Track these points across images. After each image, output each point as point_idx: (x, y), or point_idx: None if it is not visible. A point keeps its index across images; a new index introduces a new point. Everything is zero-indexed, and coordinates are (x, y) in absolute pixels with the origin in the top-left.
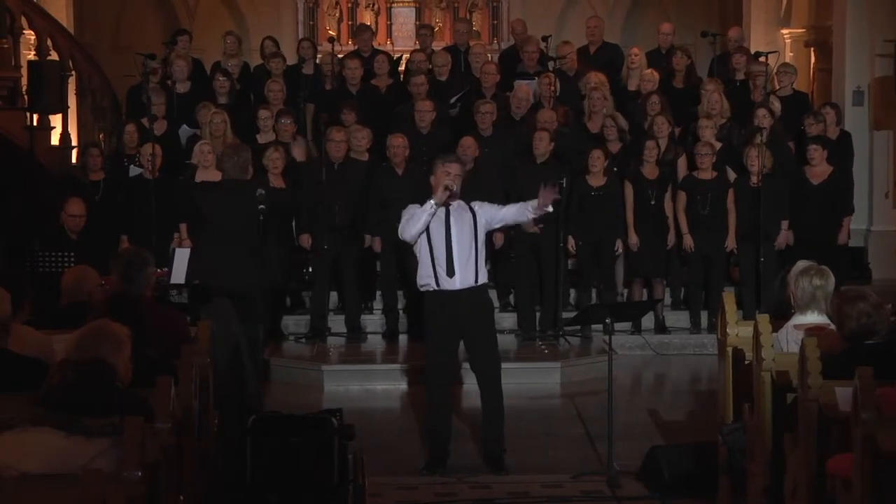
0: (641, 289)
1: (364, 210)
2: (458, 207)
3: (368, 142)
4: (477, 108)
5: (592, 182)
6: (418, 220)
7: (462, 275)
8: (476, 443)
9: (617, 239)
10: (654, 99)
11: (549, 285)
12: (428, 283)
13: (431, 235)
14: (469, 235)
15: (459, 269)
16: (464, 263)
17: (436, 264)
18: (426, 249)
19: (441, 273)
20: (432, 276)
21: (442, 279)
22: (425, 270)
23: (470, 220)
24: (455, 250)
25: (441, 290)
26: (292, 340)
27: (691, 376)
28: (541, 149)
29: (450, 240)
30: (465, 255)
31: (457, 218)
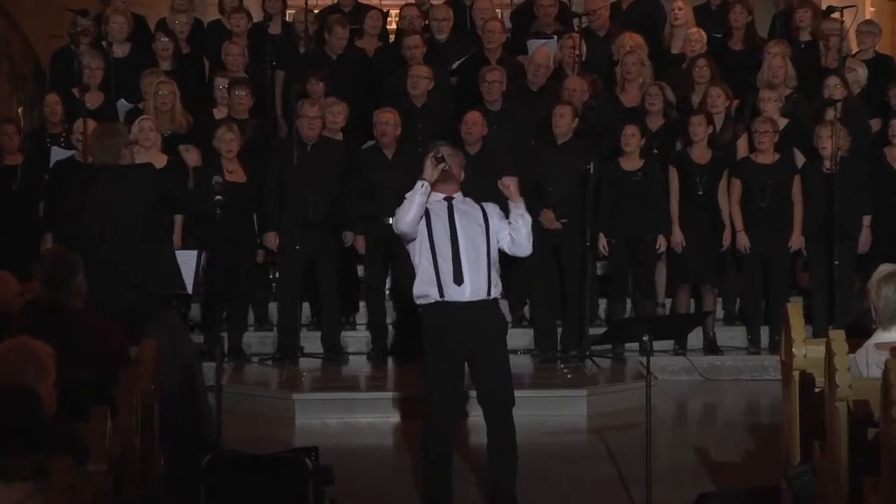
0: (688, 298)
1: (344, 201)
2: (463, 203)
3: (344, 118)
4: (482, 76)
5: (627, 166)
6: (410, 204)
7: (473, 283)
8: (482, 487)
9: (658, 237)
10: (702, 64)
11: (574, 294)
12: (429, 294)
13: (434, 235)
14: (480, 236)
15: (470, 276)
16: (474, 268)
17: (439, 270)
18: (427, 252)
19: (446, 280)
20: (435, 284)
21: (448, 288)
22: (426, 278)
23: (480, 218)
24: (463, 252)
25: (446, 301)
26: (256, 363)
27: (748, 406)
28: (562, 126)
29: (456, 239)
30: (475, 258)
31: (463, 215)
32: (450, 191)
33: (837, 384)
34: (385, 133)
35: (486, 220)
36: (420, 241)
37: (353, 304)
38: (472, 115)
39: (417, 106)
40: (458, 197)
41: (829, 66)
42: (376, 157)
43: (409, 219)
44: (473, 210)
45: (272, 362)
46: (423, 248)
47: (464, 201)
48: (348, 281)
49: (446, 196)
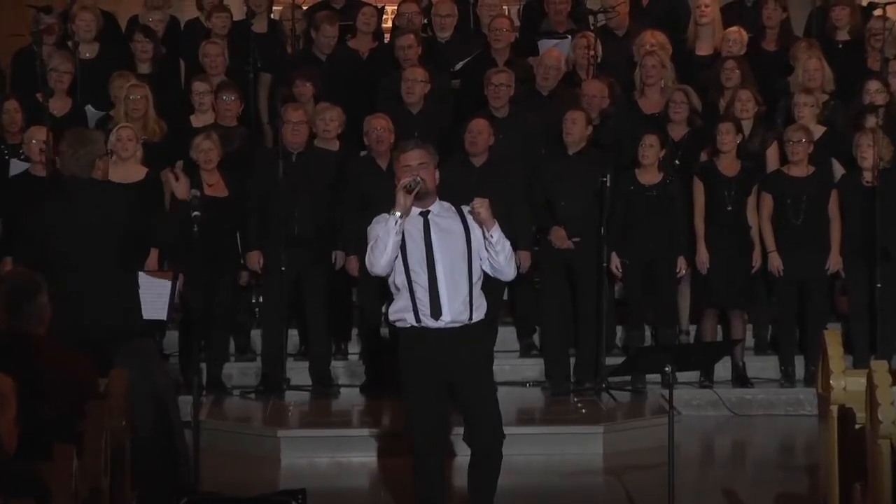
0: (714, 325)
1: (335, 217)
2: (440, 215)
3: (339, 125)
4: (489, 79)
5: (643, 179)
6: (383, 245)
7: (452, 310)
8: None
9: (680, 257)
10: (731, 66)
11: (589, 321)
12: (404, 318)
13: (409, 260)
14: (460, 255)
15: (449, 303)
16: (453, 294)
17: (416, 299)
18: (402, 276)
19: (423, 311)
20: (411, 310)
21: (425, 318)
22: (402, 304)
23: (460, 232)
24: (441, 278)
25: (423, 326)
26: (237, 396)
27: (782, 445)
28: (575, 134)
29: (433, 264)
30: (454, 282)
31: (441, 232)
32: (425, 204)
33: (880, 420)
34: (379, 140)
35: (467, 233)
36: (397, 266)
37: (344, 330)
38: (477, 122)
39: (413, 113)
40: (435, 208)
41: (871, 69)
42: (370, 168)
43: (383, 262)
44: (453, 222)
45: (255, 395)
46: (397, 271)
47: (441, 212)
48: (339, 305)
49: (422, 210)
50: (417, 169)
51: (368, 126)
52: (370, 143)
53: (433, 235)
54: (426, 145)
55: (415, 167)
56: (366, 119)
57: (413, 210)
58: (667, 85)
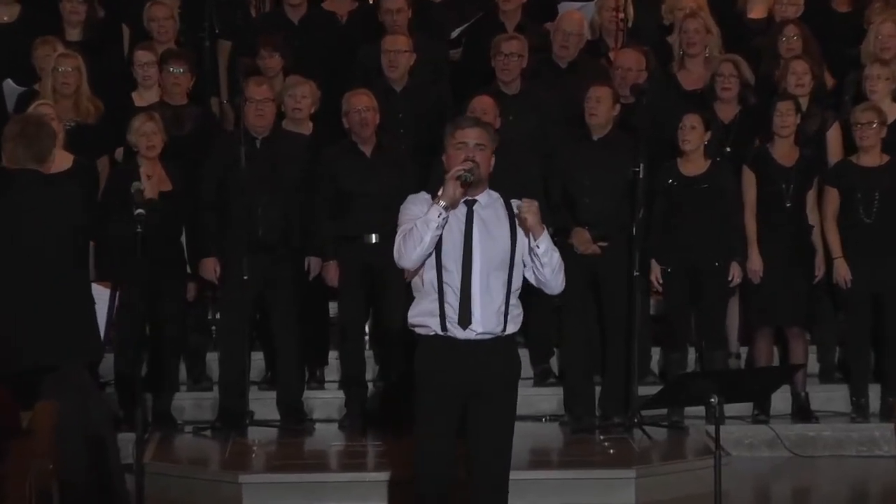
0: (770, 347)
1: (308, 216)
2: (487, 207)
3: (313, 103)
4: (496, 47)
5: (687, 169)
6: (419, 236)
7: (484, 320)
8: None
9: (732, 264)
10: (791, 32)
11: (617, 342)
12: (427, 324)
13: (443, 255)
14: (503, 256)
15: (482, 312)
16: (488, 302)
17: (444, 303)
18: (431, 275)
19: (451, 317)
20: (437, 314)
21: (452, 326)
22: (427, 307)
23: (506, 227)
24: (477, 281)
25: (447, 336)
26: (189, 433)
27: (853, 491)
28: (600, 115)
29: (469, 264)
30: (491, 288)
31: (485, 226)
32: (474, 192)
33: None
34: (362, 123)
35: (513, 233)
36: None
37: (320, 354)
38: (480, 100)
39: (396, 90)
40: (483, 199)
41: None
42: (350, 156)
43: (415, 257)
44: (499, 218)
45: (211, 432)
46: (427, 266)
47: (489, 202)
48: (314, 322)
49: (467, 199)
50: (473, 150)
51: (348, 105)
52: (351, 126)
53: (475, 230)
54: (487, 125)
55: (471, 147)
56: (345, 97)
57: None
58: (712, 54)
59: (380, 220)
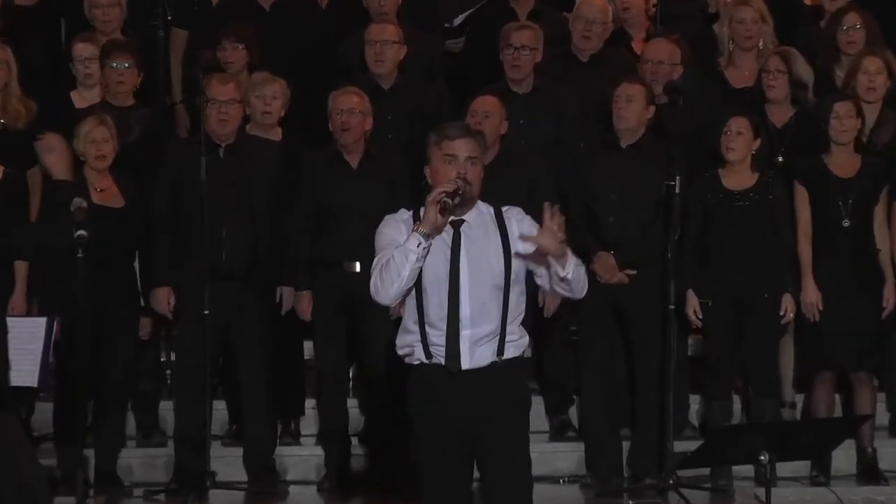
0: (830, 394)
1: (280, 237)
2: (476, 227)
3: (284, 104)
4: (505, 38)
5: (731, 183)
6: (396, 270)
7: (474, 354)
8: None
9: (785, 295)
10: (852, 20)
11: (648, 388)
12: (412, 350)
13: (424, 286)
14: (496, 276)
15: (470, 352)
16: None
17: (427, 336)
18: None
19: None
20: (419, 342)
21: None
22: (409, 337)
23: (497, 244)
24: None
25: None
26: (139, 497)
27: None
28: (630, 118)
29: (455, 295)
30: (483, 321)
31: (473, 246)
32: (461, 212)
33: None
34: (348, 127)
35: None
36: None
37: (295, 403)
38: (484, 101)
39: (384, 88)
40: (472, 217)
41: None
42: (333, 167)
43: (393, 292)
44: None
45: (165, 496)
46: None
47: (478, 220)
48: (288, 366)
49: (454, 219)
50: (464, 165)
51: (334, 104)
52: (335, 130)
53: (463, 256)
54: (477, 135)
55: (461, 161)
56: (331, 96)
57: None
58: (765, 46)
59: (364, 245)
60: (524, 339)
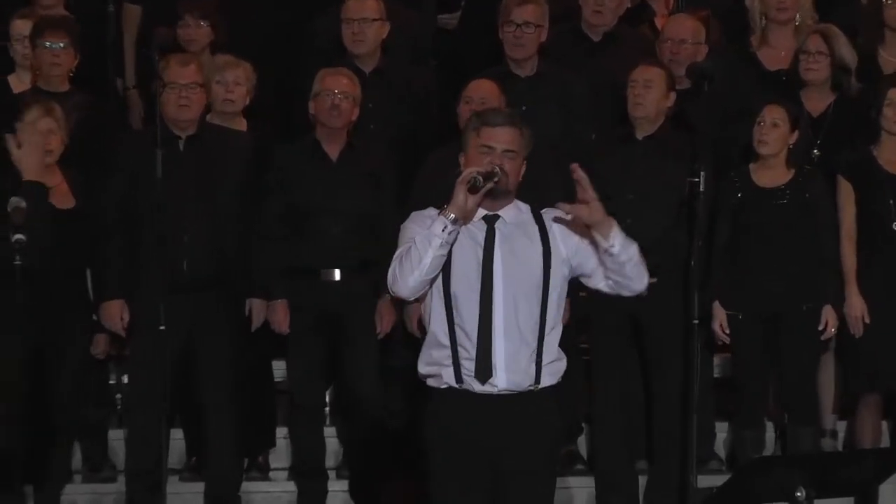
0: (877, 422)
1: (249, 242)
2: (513, 225)
3: (248, 91)
4: (506, 13)
5: (764, 180)
6: (418, 257)
7: (511, 372)
8: None
9: (826, 307)
10: None
11: (669, 414)
12: (440, 373)
13: (451, 286)
14: (534, 284)
15: (506, 364)
16: (514, 350)
17: (458, 348)
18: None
19: (467, 367)
20: (449, 363)
21: (468, 378)
22: (435, 353)
23: (538, 248)
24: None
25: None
26: None
27: None
28: (648, 106)
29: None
30: (520, 331)
31: (509, 246)
32: (497, 205)
33: None
34: (335, 112)
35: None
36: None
37: (264, 431)
38: (479, 85)
39: (366, 71)
40: (509, 214)
41: None
42: (311, 160)
43: (412, 282)
44: (529, 236)
45: None
46: (435, 301)
47: (516, 218)
48: (256, 388)
49: (487, 214)
50: (501, 157)
51: (322, 85)
52: (319, 114)
53: (497, 255)
54: (523, 124)
55: (499, 153)
56: (319, 75)
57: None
58: (802, 22)
59: (345, 250)
60: (562, 362)
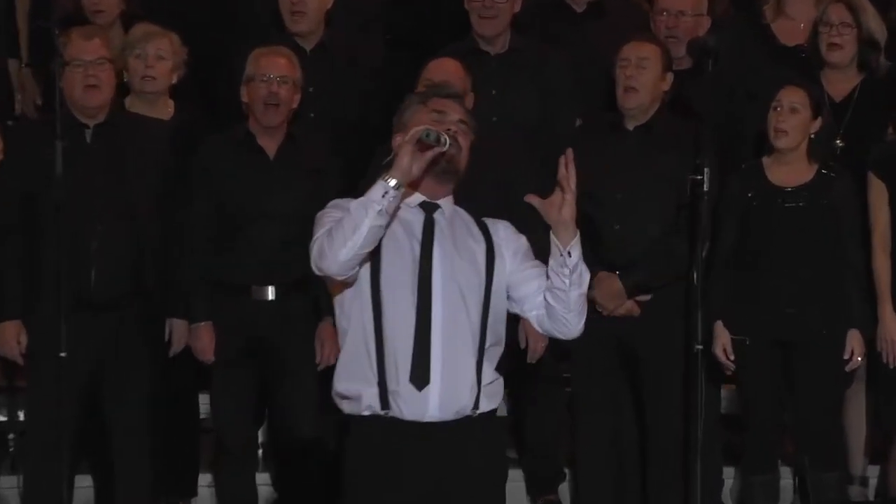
0: None
1: (168, 252)
2: (453, 220)
3: (175, 67)
4: None
5: (779, 178)
6: (357, 223)
7: (448, 386)
8: None
9: (852, 331)
10: None
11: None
12: (360, 393)
13: (382, 280)
14: (475, 289)
15: (444, 371)
16: (453, 355)
17: (385, 353)
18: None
19: (397, 376)
20: (373, 378)
21: (398, 392)
22: (356, 364)
23: (481, 253)
24: (438, 327)
25: (393, 418)
26: None
27: None
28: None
29: (427, 294)
30: (460, 339)
31: (450, 240)
32: (437, 191)
33: None
34: (277, 101)
35: (490, 261)
36: (357, 287)
37: (185, 478)
38: (440, 65)
39: (306, 49)
40: (448, 206)
41: None
42: (244, 156)
43: (345, 253)
44: (472, 236)
45: None
46: (358, 302)
47: (456, 214)
48: (176, 428)
49: (426, 200)
50: (456, 125)
51: (256, 69)
52: (253, 105)
53: (437, 247)
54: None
55: (453, 120)
56: (252, 56)
57: (411, 196)
58: None
59: (281, 264)
60: (498, 383)
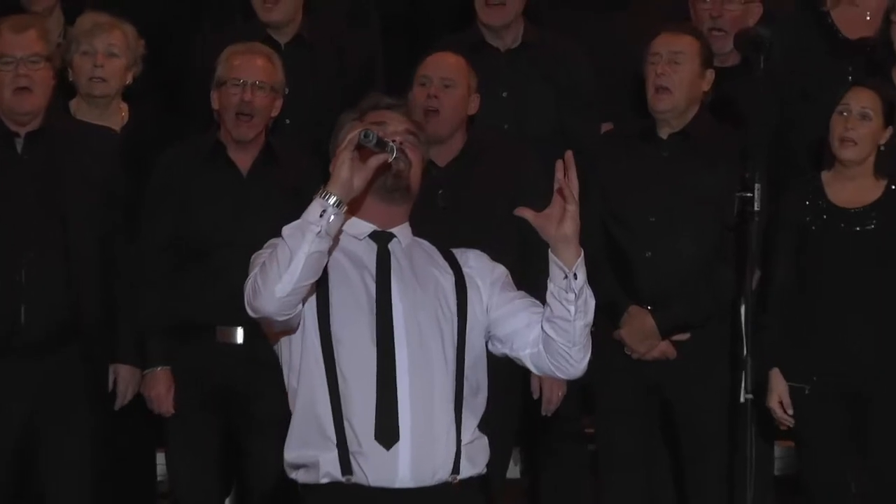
0: None
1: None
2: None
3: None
4: None
5: (843, 196)
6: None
7: (418, 443)
8: None
9: None
10: None
11: None
12: (315, 459)
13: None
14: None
15: (412, 425)
16: (427, 405)
17: (344, 408)
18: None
19: (360, 434)
20: (332, 441)
21: (360, 452)
22: (310, 430)
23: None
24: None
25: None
26: None
27: None
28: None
29: (389, 333)
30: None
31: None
32: (388, 218)
33: None
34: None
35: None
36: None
37: None
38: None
39: (281, 44)
40: (404, 234)
41: None
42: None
43: (280, 288)
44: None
45: None
46: (307, 353)
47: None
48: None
49: (378, 230)
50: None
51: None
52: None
53: (395, 281)
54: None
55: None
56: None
57: (359, 226)
58: None
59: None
60: (483, 443)
